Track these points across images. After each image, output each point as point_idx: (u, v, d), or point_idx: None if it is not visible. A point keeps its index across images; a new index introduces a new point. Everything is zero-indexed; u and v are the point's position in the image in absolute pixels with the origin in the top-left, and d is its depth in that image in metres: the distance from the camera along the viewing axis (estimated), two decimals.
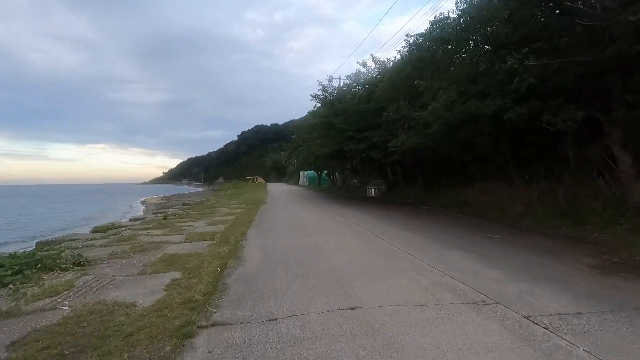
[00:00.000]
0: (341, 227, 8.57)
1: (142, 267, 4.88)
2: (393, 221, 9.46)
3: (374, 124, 13.90)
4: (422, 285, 3.83)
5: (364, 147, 13.60)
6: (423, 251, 5.56)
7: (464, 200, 13.01)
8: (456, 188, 15.24)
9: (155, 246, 6.44)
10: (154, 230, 8.82)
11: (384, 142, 13.05)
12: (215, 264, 4.85)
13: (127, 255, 5.66)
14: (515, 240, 6.63)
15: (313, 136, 21.17)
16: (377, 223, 9.04)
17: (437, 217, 10.63)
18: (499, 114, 6.97)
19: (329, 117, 15.49)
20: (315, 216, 11.09)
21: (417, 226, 8.50)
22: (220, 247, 6.08)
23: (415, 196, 17.49)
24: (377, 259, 5.10)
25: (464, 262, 4.85)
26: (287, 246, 6.22)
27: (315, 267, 4.73)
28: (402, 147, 10.22)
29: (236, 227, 8.70)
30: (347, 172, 32.85)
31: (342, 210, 12.53)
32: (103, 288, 3.96)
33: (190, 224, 9.80)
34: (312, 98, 17.39)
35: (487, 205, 11.69)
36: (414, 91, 10.06)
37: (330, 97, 16.78)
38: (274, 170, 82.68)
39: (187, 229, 8.66)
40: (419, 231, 7.67)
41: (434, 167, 18.59)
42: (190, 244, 6.58)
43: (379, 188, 20.67)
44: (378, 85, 13.38)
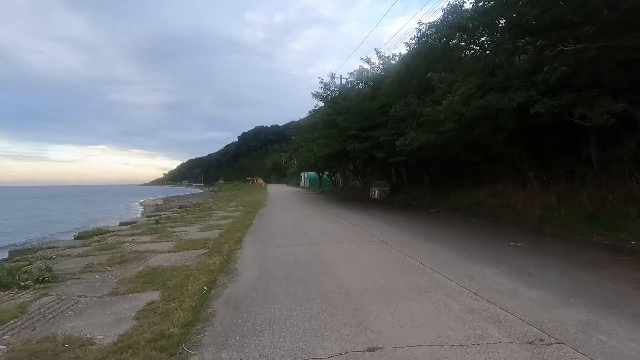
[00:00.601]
0: (346, 233, 7.83)
1: (115, 284, 4.15)
2: (402, 226, 8.71)
3: (379, 123, 13.17)
4: (454, 312, 3.09)
5: (369, 147, 12.87)
6: (443, 263, 4.82)
7: (475, 203, 12.26)
8: (465, 190, 14.50)
9: (139, 256, 5.71)
10: (142, 236, 8.09)
11: (390, 141, 12.32)
12: (202, 280, 4.12)
13: (103, 268, 4.93)
14: (543, 249, 5.88)
15: (314, 136, 20.49)
16: (385, 228, 8.30)
17: (449, 221, 9.89)
18: (524, 108, 6.24)
19: (331, 115, 14.77)
20: (318, 220, 10.36)
21: (430, 232, 7.76)
22: (211, 258, 5.34)
23: (421, 198, 16.74)
24: (392, 274, 4.36)
25: (495, 279, 4.11)
26: (288, 257, 5.48)
27: (321, 284, 3.99)
28: (410, 146, 9.49)
29: (232, 233, 7.97)
30: (349, 173, 32.12)
31: (345, 214, 11.79)
32: (60, 315, 3.22)
33: (182, 229, 9.07)
34: (313, 96, 16.70)
35: (501, 208, 10.94)
36: (424, 85, 9.34)
37: (333, 95, 16.06)
38: (274, 171, 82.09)
39: (178, 235, 7.93)
40: (433, 238, 6.92)
41: (440, 167, 17.85)
42: (178, 254, 5.85)
43: (383, 190, 19.93)
44: (383, 82, 12.66)
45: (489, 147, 12.73)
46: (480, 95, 6.67)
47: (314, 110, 22.35)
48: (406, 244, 6.35)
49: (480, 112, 6.77)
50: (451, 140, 9.26)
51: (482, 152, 14.04)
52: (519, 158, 10.96)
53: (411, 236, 7.20)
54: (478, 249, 5.85)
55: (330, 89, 16.12)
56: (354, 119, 13.60)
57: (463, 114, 6.95)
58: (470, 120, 7.22)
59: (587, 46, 4.94)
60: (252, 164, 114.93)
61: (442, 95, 8.14)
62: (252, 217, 11.30)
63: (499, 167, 13.41)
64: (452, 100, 6.84)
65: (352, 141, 13.48)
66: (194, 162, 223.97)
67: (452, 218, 10.73)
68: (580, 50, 5.13)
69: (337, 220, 10.15)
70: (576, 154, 10.14)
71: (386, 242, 6.52)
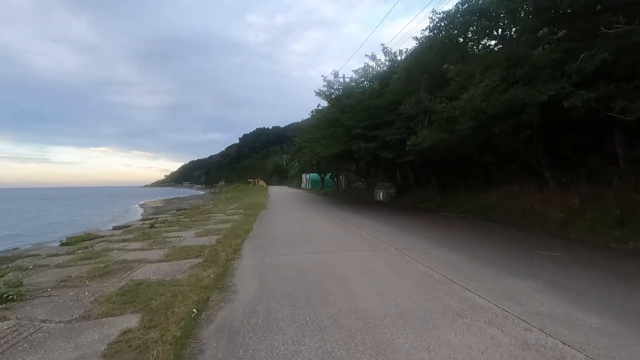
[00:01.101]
0: (355, 239, 7.18)
1: (90, 304, 3.52)
2: (414, 231, 8.06)
3: (386, 121, 12.55)
4: (506, 349, 2.44)
5: (375, 147, 12.23)
6: (471, 277, 4.17)
7: (489, 206, 11.59)
8: (476, 192, 13.84)
9: (124, 267, 5.08)
10: (133, 242, 7.47)
11: (397, 140, 11.70)
12: (192, 300, 3.49)
13: (81, 283, 4.30)
14: (579, 259, 5.23)
15: (317, 136, 19.90)
16: (395, 234, 7.66)
17: (462, 225, 9.23)
18: (555, 101, 5.59)
19: (335, 114, 14.14)
20: (322, 224, 9.71)
21: (446, 238, 7.10)
22: (205, 270, 4.71)
23: (429, 200, 16.08)
24: (416, 292, 3.71)
25: (538, 298, 3.46)
26: (292, 268, 4.84)
27: (333, 306, 3.35)
28: (422, 145, 8.85)
29: (230, 239, 7.34)
30: (352, 174, 31.48)
31: (351, 217, 11.14)
32: (12, 349, 2.59)
33: (178, 234, 8.45)
34: (316, 94, 16.07)
35: (517, 211, 10.28)
36: (436, 80, 8.71)
37: (337, 94, 15.43)
38: (275, 173, 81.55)
39: (172, 242, 7.31)
40: (451, 245, 6.27)
41: (448, 168, 17.19)
42: (168, 264, 5.22)
43: (388, 192, 19.27)
44: (390, 78, 12.03)
45: (502, 147, 12.08)
46: (503, 89, 6.03)
47: (316, 110, 21.75)
48: (422, 252, 5.71)
49: (503, 108, 6.13)
50: (465, 139, 8.62)
51: (494, 152, 13.41)
52: (535, 158, 10.31)
53: (426, 243, 6.55)
54: (504, 259, 5.20)
55: (334, 87, 15.50)
56: (359, 117, 12.97)
57: (483, 109, 6.30)
58: (490, 116, 6.57)
59: (637, 28, 4.29)
60: (253, 165, 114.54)
61: (457, 90, 7.50)
62: (252, 220, 10.67)
63: (513, 167, 12.76)
64: (472, 95, 6.19)
65: (357, 141, 12.85)
66: (195, 163, 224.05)
67: (464, 222, 10.07)
68: (624, 34, 4.50)
69: (343, 224, 9.51)
70: (599, 153, 9.48)
71: (400, 250, 5.88)
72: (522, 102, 5.76)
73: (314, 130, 21.84)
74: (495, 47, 7.76)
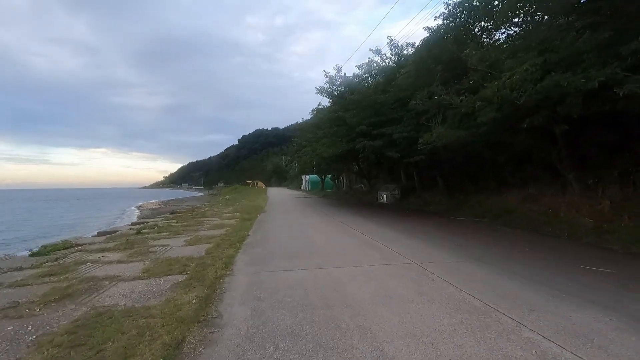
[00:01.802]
0: (365, 249, 6.30)
1: (25, 348, 2.63)
2: (430, 239, 7.19)
3: (392, 119, 11.70)
4: None
5: (381, 145, 11.36)
6: (523, 306, 3.30)
7: (505, 210, 10.74)
8: (489, 194, 12.99)
9: (91, 287, 4.20)
10: (112, 252, 6.59)
11: (405, 138, 10.85)
12: (160, 342, 2.61)
13: (29, 311, 3.42)
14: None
15: (318, 136, 19.08)
16: (410, 243, 6.78)
17: (482, 232, 8.36)
18: (602, 90, 4.74)
19: (338, 111, 13.29)
20: (326, 230, 8.83)
21: (468, 248, 6.22)
22: (187, 293, 3.84)
23: (436, 203, 15.21)
24: (457, 331, 2.83)
25: (630, 345, 2.59)
26: (294, 290, 3.96)
27: (351, 353, 2.47)
28: (436, 143, 7.99)
29: (222, 248, 6.47)
30: (354, 175, 30.62)
31: (356, 222, 10.26)
32: None
33: (165, 242, 7.57)
34: (317, 91, 15.20)
35: (539, 216, 9.42)
36: (452, 72, 7.86)
37: (339, 90, 14.58)
38: (274, 174, 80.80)
39: (157, 252, 6.43)
40: (478, 257, 5.40)
41: (456, 169, 16.35)
42: (145, 283, 4.34)
43: (392, 194, 18.40)
44: (398, 73, 11.19)
45: (516, 146, 11.25)
46: (539, 77, 5.18)
47: (317, 109, 20.90)
48: (447, 267, 4.83)
49: (538, 98, 5.28)
50: (485, 136, 7.75)
51: (507, 151, 12.57)
52: (558, 158, 9.45)
53: (447, 254, 5.68)
54: (549, 277, 4.33)
55: (336, 84, 14.64)
56: (363, 114, 12.12)
57: (513, 101, 5.45)
58: (520, 109, 5.71)
59: None
60: (252, 167, 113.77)
61: (478, 81, 6.64)
62: (249, 226, 9.79)
63: (529, 168, 11.91)
64: (503, 83, 5.33)
65: (361, 139, 11.99)
66: (195, 165, 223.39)
67: (482, 227, 9.21)
68: None
69: (348, 230, 8.64)
70: (631, 153, 8.63)
71: (420, 264, 5.00)
72: (563, 90, 4.92)
73: (314, 130, 21.02)
74: (519, 32, 6.91)
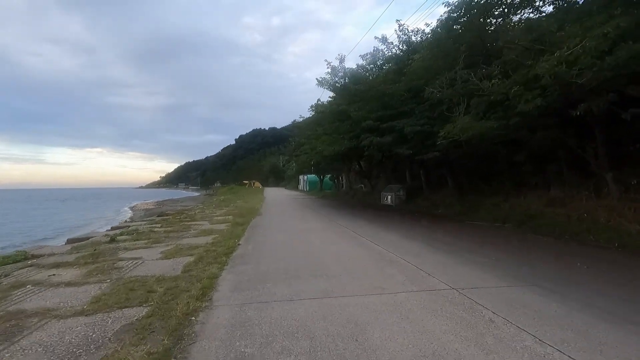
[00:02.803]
0: (383, 266, 5.07)
1: None
2: (457, 252, 5.98)
3: (403, 112, 10.51)
4: None
5: (390, 141, 10.14)
6: None
7: (529, 214, 9.55)
8: (504, 196, 11.82)
9: (4, 332, 2.96)
10: (68, 269, 5.33)
11: (418, 133, 9.64)
12: None
13: None
14: None
15: (318, 133, 17.89)
16: (437, 258, 5.57)
17: (511, 241, 7.17)
18: None
19: (342, 105, 12.08)
20: (331, 239, 7.61)
21: (515, 266, 5.01)
22: (138, 344, 2.61)
23: (446, 206, 14.01)
24: None
25: None
26: (296, 339, 2.72)
27: None
28: (458, 137, 6.80)
29: (205, 264, 5.24)
30: (354, 175, 29.42)
31: (363, 228, 9.05)
32: None
33: (138, 253, 6.33)
34: (317, 83, 13.95)
35: (571, 222, 8.26)
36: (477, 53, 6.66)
37: (342, 82, 13.36)
38: (272, 174, 79.67)
39: (123, 268, 5.19)
40: (540, 284, 4.17)
41: (467, 168, 15.19)
42: (85, 322, 3.11)
43: (397, 195, 17.20)
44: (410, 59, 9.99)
45: (536, 142, 10.07)
46: (606, 48, 4.01)
47: (316, 105, 19.65)
48: (500, 297, 3.62)
49: (605, 75, 4.11)
50: (516, 128, 6.57)
51: (526, 148, 11.40)
52: (593, 155, 8.30)
53: (488, 274, 4.47)
54: (634, 310, 3.14)
55: (339, 75, 13.41)
56: (370, 107, 10.91)
57: (572, 80, 4.27)
58: (572, 92, 4.53)
59: None
60: (249, 167, 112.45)
61: (517, 59, 5.44)
62: (240, 232, 8.55)
63: (552, 167, 10.75)
64: (561, 58, 4.10)
65: (367, 135, 10.77)
66: (192, 164, 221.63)
67: (508, 235, 8.03)
68: None
69: (356, 238, 7.43)
70: None
71: (462, 291, 3.79)
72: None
73: (314, 127, 19.81)
74: None
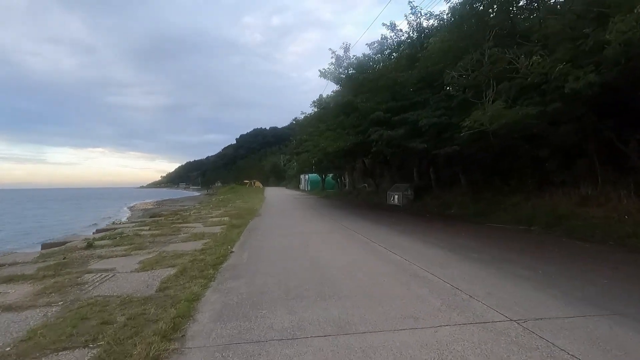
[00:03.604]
0: (408, 283, 4.06)
1: None
2: (493, 262, 4.97)
3: (416, 102, 9.50)
4: None
5: (402, 135, 9.14)
6: None
7: (558, 215, 8.53)
8: (525, 195, 10.80)
9: None
10: (20, 285, 4.37)
11: (434, 125, 8.64)
12: None
13: None
14: None
15: (320, 129, 16.90)
16: (472, 271, 4.56)
17: (553, 249, 6.13)
18: None
19: (347, 96, 11.09)
20: (339, 245, 6.62)
21: (573, 281, 4.00)
22: None
23: (459, 205, 12.98)
24: None
25: None
26: None
27: None
28: (488, 127, 5.81)
29: (187, 278, 4.27)
30: (357, 174, 28.41)
31: (374, 232, 8.06)
32: None
33: (112, 263, 5.36)
34: (320, 75, 12.96)
35: (611, 223, 7.26)
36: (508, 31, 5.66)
37: (347, 72, 12.36)
38: (272, 174, 78.78)
39: (87, 284, 4.22)
40: (624, 312, 3.21)
41: (481, 164, 14.17)
42: None
43: (405, 194, 16.19)
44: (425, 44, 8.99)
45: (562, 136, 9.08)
46: None
47: (318, 100, 18.63)
48: (578, 331, 2.62)
49: None
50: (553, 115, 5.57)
51: (549, 143, 10.38)
52: (637, 147, 7.29)
53: (547, 295, 3.46)
54: None
55: (344, 65, 12.41)
56: (379, 98, 9.91)
57: None
58: None
59: None
60: (250, 166, 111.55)
61: (567, 30, 4.44)
62: (236, 236, 7.58)
63: (582, 162, 9.72)
64: None
65: (376, 128, 9.78)
66: (192, 164, 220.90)
67: (541, 240, 7.01)
68: None
69: (368, 244, 6.45)
70: None
71: (523, 324, 2.78)
72: None
73: (316, 123, 18.83)
74: None
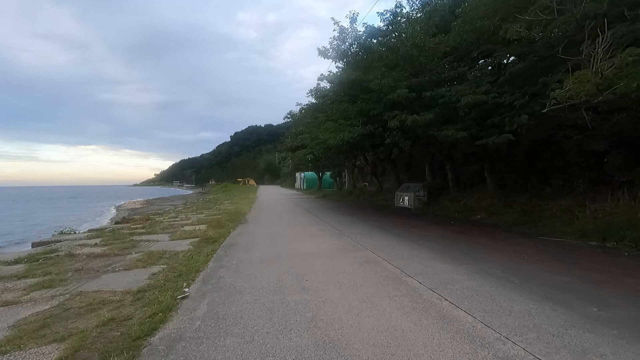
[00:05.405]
0: None
1: None
2: (619, 321, 2.87)
3: (447, 78, 7.34)
4: None
5: (432, 119, 6.97)
6: None
7: (634, 225, 6.47)
8: (577, 198, 8.77)
9: None
10: None
11: (482, 105, 6.51)
12: None
13: None
14: None
15: (319, 120, 14.76)
16: (600, 348, 2.44)
17: None
18: None
19: (355, 73, 8.88)
20: (354, 283, 4.47)
21: None
22: None
23: (485, 210, 10.86)
24: None
25: None
26: None
27: None
28: (595, 97, 3.71)
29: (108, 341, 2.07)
30: (357, 172, 26.26)
31: (402, 252, 5.91)
32: None
33: (26, 302, 3.14)
34: (319, 54, 10.73)
35: None
36: None
37: (353, 50, 10.16)
38: (267, 172, 76.54)
39: None
40: None
41: (512, 161, 12.10)
42: None
43: (417, 195, 14.05)
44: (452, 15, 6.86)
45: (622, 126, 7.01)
46: None
47: (315, 89, 16.32)
48: None
49: None
50: None
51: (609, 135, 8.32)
52: None
53: None
54: None
55: (348, 41, 10.20)
56: (397, 74, 7.73)
57: None
58: None
59: None
60: (244, 164, 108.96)
61: None
62: (205, 257, 5.38)
63: None
64: None
65: (395, 112, 7.60)
66: (186, 162, 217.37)
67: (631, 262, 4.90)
68: None
69: (401, 280, 4.31)
70: None
71: None
72: None
73: (313, 114, 16.65)
74: None
